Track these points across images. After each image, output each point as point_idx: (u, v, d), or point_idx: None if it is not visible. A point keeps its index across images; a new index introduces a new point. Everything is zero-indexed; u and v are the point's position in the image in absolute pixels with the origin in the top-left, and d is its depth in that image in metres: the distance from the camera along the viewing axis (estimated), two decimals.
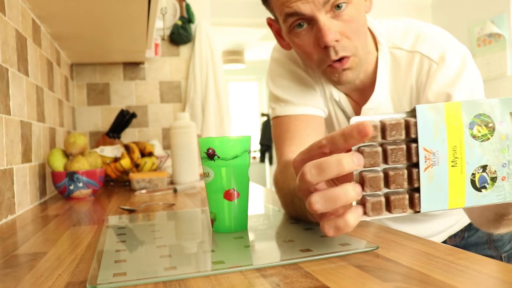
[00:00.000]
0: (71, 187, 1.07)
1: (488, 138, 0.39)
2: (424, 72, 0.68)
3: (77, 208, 0.95)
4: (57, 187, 1.09)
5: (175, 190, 1.15)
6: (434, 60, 0.67)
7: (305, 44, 0.69)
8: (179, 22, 2.11)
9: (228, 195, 0.57)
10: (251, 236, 0.56)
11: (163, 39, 2.09)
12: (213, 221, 0.59)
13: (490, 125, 0.39)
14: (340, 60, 0.68)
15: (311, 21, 0.66)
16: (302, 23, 0.67)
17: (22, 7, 1.04)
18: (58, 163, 1.10)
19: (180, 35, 2.10)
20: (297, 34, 0.68)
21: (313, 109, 0.81)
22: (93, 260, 0.48)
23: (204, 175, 0.59)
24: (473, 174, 0.39)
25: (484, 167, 0.39)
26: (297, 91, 0.82)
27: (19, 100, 0.97)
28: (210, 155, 0.57)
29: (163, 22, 2.04)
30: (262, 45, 5.31)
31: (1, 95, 0.85)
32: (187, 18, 2.14)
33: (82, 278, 0.42)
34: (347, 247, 0.48)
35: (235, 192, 0.58)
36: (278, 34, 0.78)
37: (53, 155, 1.11)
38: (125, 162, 1.40)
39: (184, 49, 2.17)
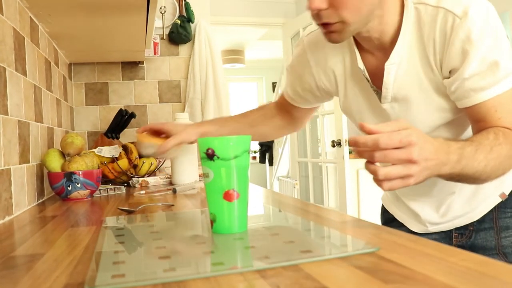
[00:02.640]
0: (69, 188, 1.06)
1: None
2: (448, 27, 0.69)
3: (75, 209, 0.94)
4: (54, 188, 1.08)
5: (174, 191, 1.15)
6: (457, 15, 0.68)
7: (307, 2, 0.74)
8: (179, 21, 2.10)
9: (227, 196, 0.57)
10: (251, 237, 0.56)
11: (162, 38, 2.09)
12: (212, 222, 0.59)
13: None
14: (325, 24, 0.72)
15: None
16: None
17: (19, 5, 1.03)
18: (55, 163, 1.09)
19: (180, 34, 2.09)
20: None
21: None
22: (91, 261, 0.48)
23: (204, 176, 0.59)
24: None
25: None
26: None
27: (17, 100, 0.96)
28: (209, 155, 0.57)
29: (162, 21, 2.03)
30: (262, 44, 5.30)
31: None
32: (186, 17, 2.13)
33: (80, 280, 0.42)
34: (348, 248, 0.48)
35: (235, 193, 0.57)
36: None
37: (49, 156, 1.10)
38: (123, 163, 1.39)
39: (183, 49, 2.16)
